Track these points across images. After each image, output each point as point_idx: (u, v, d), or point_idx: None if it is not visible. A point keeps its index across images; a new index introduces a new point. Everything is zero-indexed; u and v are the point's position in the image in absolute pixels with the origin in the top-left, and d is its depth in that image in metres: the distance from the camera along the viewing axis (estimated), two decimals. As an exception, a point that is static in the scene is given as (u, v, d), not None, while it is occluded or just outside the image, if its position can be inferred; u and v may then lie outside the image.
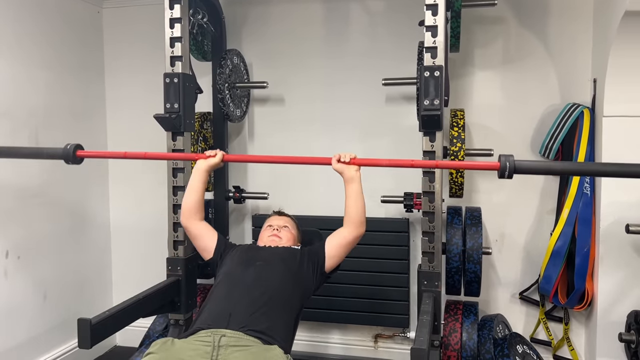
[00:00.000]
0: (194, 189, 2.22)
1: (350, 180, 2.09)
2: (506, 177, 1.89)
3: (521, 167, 1.90)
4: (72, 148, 2.27)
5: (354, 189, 2.09)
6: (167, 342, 1.80)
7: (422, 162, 2.16)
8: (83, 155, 2.31)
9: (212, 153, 2.23)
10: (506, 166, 1.87)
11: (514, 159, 1.88)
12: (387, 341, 3.19)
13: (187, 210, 2.22)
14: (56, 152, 2.31)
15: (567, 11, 2.86)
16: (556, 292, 2.78)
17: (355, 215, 2.10)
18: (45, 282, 3.01)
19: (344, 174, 2.10)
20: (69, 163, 2.31)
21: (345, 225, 2.12)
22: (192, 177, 2.24)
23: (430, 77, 2.14)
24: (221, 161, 2.24)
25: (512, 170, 1.88)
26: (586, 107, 2.75)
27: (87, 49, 3.36)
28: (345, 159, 2.10)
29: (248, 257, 2.14)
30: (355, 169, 2.10)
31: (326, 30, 3.18)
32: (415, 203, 2.61)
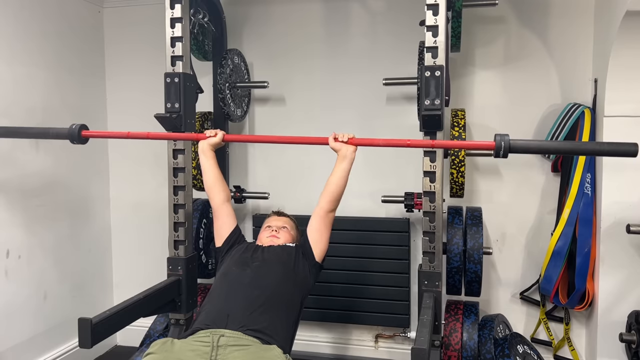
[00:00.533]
0: (207, 169, 2.27)
1: (343, 158, 2.11)
2: (501, 156, 1.89)
3: (516, 146, 1.91)
4: (78, 128, 2.32)
5: (342, 167, 2.11)
6: (167, 342, 1.81)
7: (418, 141, 2.16)
8: (88, 135, 2.36)
9: (212, 133, 2.28)
10: (501, 145, 1.88)
11: (509, 138, 1.89)
12: (388, 341, 3.19)
13: (208, 190, 2.27)
14: (62, 132, 2.35)
15: (568, 11, 2.86)
16: (557, 292, 2.78)
17: (333, 190, 2.11)
18: (46, 282, 3.01)
19: (340, 151, 2.12)
20: (75, 142, 2.34)
21: (320, 200, 2.13)
22: (201, 159, 2.29)
23: (431, 77, 2.14)
24: (222, 140, 2.28)
25: (507, 150, 1.89)
26: (587, 107, 2.75)
27: (88, 48, 3.36)
28: (342, 138, 2.12)
29: (245, 258, 2.14)
30: (353, 149, 2.12)
31: (327, 30, 3.18)
32: (416, 203, 2.61)
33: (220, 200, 2.26)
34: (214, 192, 2.26)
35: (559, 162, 2.86)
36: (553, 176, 2.92)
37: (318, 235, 2.15)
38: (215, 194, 2.26)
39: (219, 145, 2.30)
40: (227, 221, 2.26)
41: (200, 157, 2.29)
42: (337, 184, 2.12)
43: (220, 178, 2.29)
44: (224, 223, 2.26)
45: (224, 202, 2.26)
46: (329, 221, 2.16)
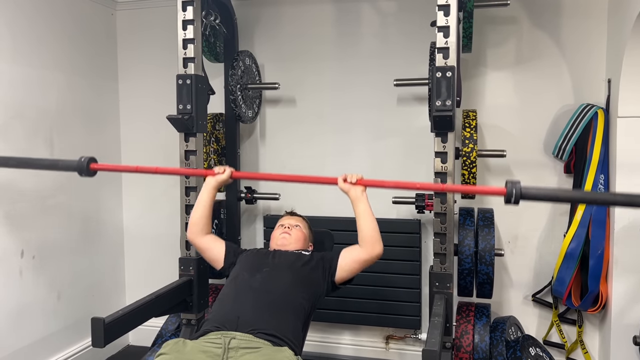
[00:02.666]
0: (202, 204, 2.23)
1: (357, 200, 2.08)
2: (512, 203, 1.86)
3: (528, 194, 1.88)
4: (86, 161, 2.30)
5: (361, 209, 2.08)
6: (179, 342, 1.82)
7: (428, 185, 2.15)
8: (96, 168, 2.34)
9: (221, 170, 2.24)
10: (512, 192, 1.85)
11: (520, 185, 1.86)
12: (399, 342, 3.19)
13: (194, 225, 2.23)
14: (70, 164, 2.34)
15: (580, 10, 2.84)
16: (569, 295, 2.75)
17: (367, 235, 2.07)
18: (60, 282, 3.04)
19: (349, 193, 2.09)
20: (83, 175, 2.33)
21: (360, 244, 2.10)
22: (201, 193, 2.25)
23: (442, 77, 2.13)
24: (230, 178, 2.24)
25: (519, 197, 1.86)
26: (600, 108, 2.72)
27: (101, 51, 3.39)
28: (351, 180, 2.08)
29: (255, 263, 2.15)
30: (361, 189, 2.08)
31: (338, 31, 3.18)
32: (427, 204, 2.60)
33: (204, 233, 2.24)
34: (198, 227, 2.23)
35: (572, 163, 2.84)
36: (566, 177, 2.90)
37: (348, 266, 2.12)
38: (198, 228, 2.23)
39: (226, 182, 2.26)
40: (215, 245, 2.24)
41: (202, 191, 2.25)
42: (367, 226, 2.07)
43: (209, 217, 2.26)
44: (213, 247, 2.24)
45: (206, 234, 2.25)
46: (368, 264, 2.12)
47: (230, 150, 3.13)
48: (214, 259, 2.24)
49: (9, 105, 2.70)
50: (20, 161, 2.52)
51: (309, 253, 2.24)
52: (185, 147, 2.51)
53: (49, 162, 2.59)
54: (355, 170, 3.11)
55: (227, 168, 2.24)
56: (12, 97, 2.72)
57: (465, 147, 2.57)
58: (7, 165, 2.50)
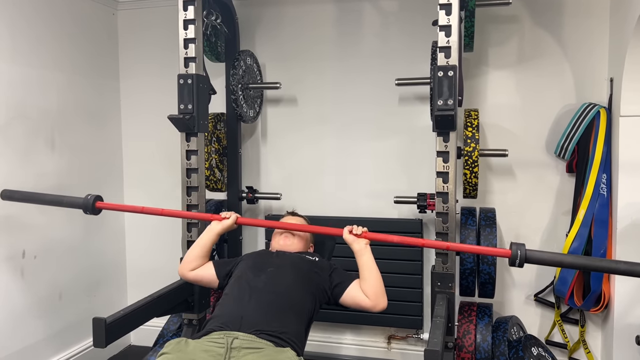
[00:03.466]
0: (201, 245, 2.24)
1: (361, 253, 2.10)
2: (517, 265, 1.86)
3: (532, 257, 1.86)
4: (92, 199, 2.32)
5: (365, 262, 2.09)
6: (181, 342, 1.81)
7: (433, 242, 2.17)
8: (102, 206, 2.36)
9: (227, 215, 2.27)
10: (517, 254, 1.85)
11: (525, 248, 1.85)
12: (401, 342, 3.18)
13: (188, 263, 2.23)
14: (76, 201, 2.36)
15: (582, 9, 2.83)
16: (572, 294, 2.75)
17: (371, 290, 2.06)
18: (61, 282, 3.05)
19: (353, 246, 2.12)
20: (87, 213, 2.33)
21: (367, 295, 2.07)
22: (203, 235, 2.26)
23: (444, 77, 2.13)
24: (234, 223, 2.26)
25: (524, 260, 1.85)
26: (602, 107, 2.71)
27: (102, 50, 3.39)
28: (356, 232, 2.12)
29: (259, 263, 2.15)
30: (365, 242, 2.11)
31: (339, 30, 3.18)
32: (429, 204, 2.60)
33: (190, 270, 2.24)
34: (191, 265, 2.23)
35: (574, 162, 2.83)
36: (568, 177, 2.89)
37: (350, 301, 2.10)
38: (191, 266, 2.23)
39: (230, 228, 2.29)
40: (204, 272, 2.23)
41: (205, 234, 2.26)
42: (371, 279, 2.06)
43: (206, 259, 2.25)
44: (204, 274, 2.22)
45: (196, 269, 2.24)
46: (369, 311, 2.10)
47: (232, 150, 3.12)
48: (209, 282, 2.24)
49: (10, 106, 2.70)
50: (25, 195, 2.51)
51: (315, 258, 2.24)
52: (187, 147, 2.51)
53: (54, 198, 2.55)
54: (357, 169, 3.15)
55: (233, 213, 2.28)
56: (12, 97, 2.72)
57: (467, 147, 2.56)
58: (12, 199, 2.50)
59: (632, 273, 1.85)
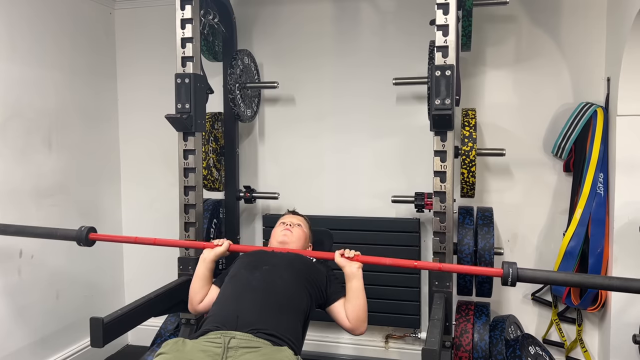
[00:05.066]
0: (200, 277, 2.22)
1: (351, 277, 2.08)
2: (509, 284, 1.86)
3: (524, 276, 1.86)
4: (86, 231, 2.32)
5: (354, 286, 2.07)
6: (179, 342, 1.81)
7: (425, 263, 2.18)
8: (95, 238, 2.36)
9: (219, 242, 2.26)
10: (509, 273, 1.85)
11: (516, 266, 1.85)
12: (398, 342, 3.19)
13: (193, 297, 2.22)
14: (69, 233, 2.34)
15: (579, 9, 2.83)
16: (569, 293, 2.75)
17: (356, 314, 2.05)
18: (58, 282, 3.04)
19: (345, 269, 2.10)
20: (81, 245, 2.33)
21: (349, 318, 2.07)
22: (199, 267, 2.24)
23: (441, 76, 2.13)
24: (227, 250, 2.24)
25: (515, 279, 1.84)
26: (599, 106, 2.72)
27: (99, 49, 3.39)
28: (348, 255, 2.10)
29: (254, 261, 2.14)
30: (357, 266, 2.09)
31: (337, 29, 3.18)
32: (426, 203, 2.60)
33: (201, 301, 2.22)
34: (197, 298, 2.21)
35: (571, 161, 2.84)
36: (565, 176, 2.90)
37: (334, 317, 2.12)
38: (198, 299, 2.21)
39: (223, 255, 2.26)
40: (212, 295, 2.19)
41: (200, 265, 2.24)
42: (356, 305, 2.06)
43: (207, 288, 2.23)
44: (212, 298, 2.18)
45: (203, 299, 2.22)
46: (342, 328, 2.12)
47: (229, 149, 3.12)
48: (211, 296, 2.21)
49: (7, 105, 2.70)
50: (19, 229, 2.49)
51: (312, 259, 2.24)
52: (184, 146, 2.51)
53: (47, 231, 2.51)
54: (354, 169, 3.15)
55: (225, 240, 2.26)
56: (9, 96, 2.71)
57: (464, 146, 2.57)
58: (6, 233, 2.48)
59: (625, 289, 1.85)
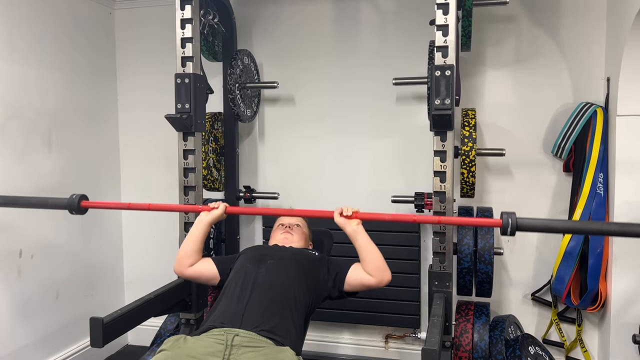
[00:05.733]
0: (194, 239, 2.20)
1: (354, 235, 2.08)
2: (508, 234, 1.87)
3: (523, 225, 1.87)
4: (77, 198, 2.29)
5: (360, 242, 2.07)
6: (180, 339, 1.82)
7: (424, 217, 2.15)
8: (87, 205, 2.33)
9: (215, 205, 2.24)
10: (508, 223, 1.85)
11: (516, 216, 1.86)
12: (398, 342, 3.19)
13: (183, 258, 2.20)
14: (61, 202, 2.32)
15: (579, 9, 2.83)
16: (569, 293, 2.75)
17: (374, 266, 2.05)
18: (58, 281, 3.04)
19: (346, 229, 2.09)
20: (73, 213, 2.30)
21: (369, 272, 2.06)
22: (194, 228, 2.23)
23: (441, 76, 2.13)
24: (224, 213, 2.23)
25: (515, 228, 1.85)
26: (599, 106, 2.72)
27: (99, 49, 3.39)
28: (347, 213, 2.08)
29: (260, 255, 2.15)
30: (356, 222, 2.08)
31: (336, 29, 3.18)
32: (426, 203, 2.60)
33: (188, 267, 2.20)
34: (188, 261, 2.19)
35: (570, 161, 2.84)
36: (565, 176, 2.90)
37: (355, 283, 2.10)
38: (186, 262, 2.20)
39: (220, 218, 2.24)
40: (204, 267, 2.20)
41: (195, 226, 2.23)
42: (370, 257, 2.05)
43: (200, 252, 2.22)
44: (204, 270, 2.20)
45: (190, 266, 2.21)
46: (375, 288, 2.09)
47: (229, 149, 3.12)
48: (209, 279, 2.22)
49: (7, 105, 2.70)
50: (8, 200, 2.46)
51: (315, 252, 2.23)
52: (184, 147, 2.51)
53: (39, 200, 2.48)
54: (354, 169, 3.15)
55: (221, 203, 2.25)
56: (9, 96, 2.71)
57: (464, 146, 2.57)
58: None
59: (623, 233, 1.86)
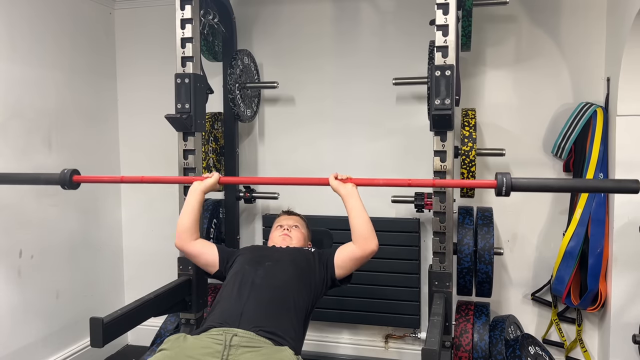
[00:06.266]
0: (190, 210, 2.19)
1: (348, 196, 2.07)
2: (503, 194, 1.88)
3: (518, 185, 1.89)
4: (69, 173, 2.30)
5: (353, 205, 2.07)
6: (180, 338, 1.82)
7: (419, 181, 2.15)
8: (79, 180, 2.33)
9: (209, 175, 2.24)
10: (503, 183, 1.87)
11: (510, 176, 1.87)
12: (398, 342, 3.19)
13: (183, 232, 2.18)
14: (52, 177, 2.33)
15: (579, 9, 2.83)
16: (569, 293, 2.75)
17: (360, 231, 2.05)
18: (58, 281, 3.04)
19: (340, 190, 2.09)
20: (66, 188, 2.31)
21: (354, 241, 2.07)
22: (188, 198, 2.22)
23: (441, 76, 2.13)
24: (217, 182, 2.23)
25: (509, 188, 1.87)
26: (599, 106, 2.72)
27: (99, 49, 3.39)
28: (342, 177, 2.11)
29: (257, 257, 2.14)
30: (352, 185, 2.09)
31: (336, 29, 3.18)
32: (426, 203, 2.60)
33: (191, 241, 2.19)
34: (188, 234, 2.18)
35: (571, 161, 2.84)
36: (565, 176, 2.90)
37: (344, 263, 2.10)
38: (187, 235, 2.18)
39: (213, 187, 2.24)
40: (207, 250, 2.20)
41: (189, 196, 2.22)
42: (359, 221, 2.05)
43: (198, 223, 2.22)
44: (205, 252, 2.20)
45: (195, 239, 2.20)
46: (364, 260, 2.09)
47: (229, 149, 3.12)
48: (208, 263, 2.20)
49: (7, 105, 2.70)
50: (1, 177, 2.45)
51: (310, 250, 2.23)
52: (184, 147, 2.51)
53: (31, 176, 2.51)
54: (354, 169, 3.15)
55: (215, 173, 2.25)
56: (10, 96, 2.71)
57: (464, 146, 2.57)
58: None
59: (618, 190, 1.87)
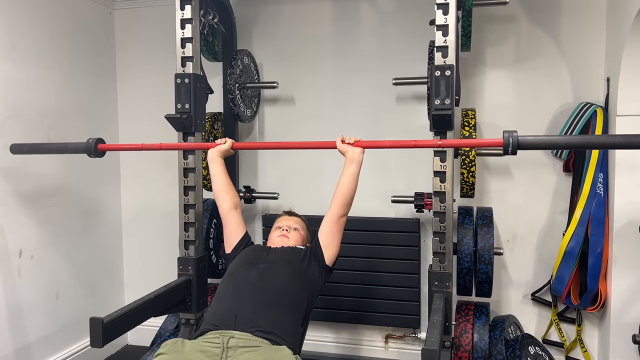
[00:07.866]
0: (217, 176, 2.29)
1: (351, 161, 2.12)
2: (510, 153, 1.88)
3: (525, 143, 1.88)
4: (94, 142, 2.44)
5: (351, 171, 2.12)
6: (177, 342, 1.82)
7: (425, 141, 2.17)
8: (104, 148, 2.48)
9: (222, 141, 2.33)
10: (509, 141, 1.87)
11: (517, 134, 1.87)
12: (398, 342, 3.18)
13: (220, 197, 2.27)
14: (79, 146, 2.47)
15: (579, 9, 2.83)
16: (569, 293, 2.75)
17: (344, 194, 2.11)
18: (58, 281, 3.04)
19: (347, 154, 2.14)
20: (92, 156, 2.46)
21: (332, 204, 2.13)
22: (211, 168, 2.31)
23: (441, 76, 2.13)
24: (231, 147, 2.31)
25: (516, 146, 1.87)
26: (599, 106, 2.72)
27: (99, 50, 3.39)
28: (349, 141, 2.14)
29: (252, 259, 2.14)
30: (360, 151, 2.13)
31: (336, 29, 3.18)
32: (426, 203, 2.60)
33: (228, 207, 2.26)
34: (222, 200, 2.26)
35: (570, 161, 2.84)
36: (565, 176, 2.90)
37: (330, 239, 2.14)
38: (223, 201, 2.26)
39: (228, 152, 2.32)
40: (235, 228, 2.26)
41: (210, 165, 2.31)
42: (348, 187, 2.11)
43: (229, 185, 2.30)
44: (233, 230, 2.26)
45: (231, 209, 2.26)
46: (341, 226, 2.15)
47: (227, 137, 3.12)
48: (229, 240, 2.26)
49: (7, 105, 2.70)
50: (32, 147, 2.65)
51: (302, 247, 2.23)
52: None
53: (59, 146, 2.73)
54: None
55: (228, 139, 2.34)
56: (9, 96, 2.71)
57: (464, 146, 2.57)
58: (21, 152, 2.63)
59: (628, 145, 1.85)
